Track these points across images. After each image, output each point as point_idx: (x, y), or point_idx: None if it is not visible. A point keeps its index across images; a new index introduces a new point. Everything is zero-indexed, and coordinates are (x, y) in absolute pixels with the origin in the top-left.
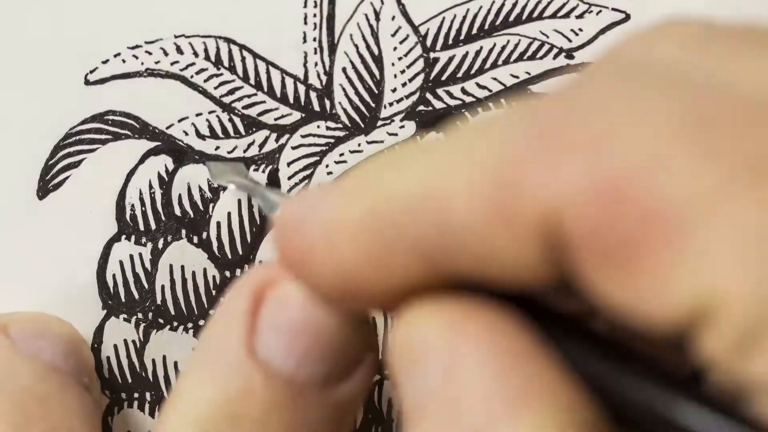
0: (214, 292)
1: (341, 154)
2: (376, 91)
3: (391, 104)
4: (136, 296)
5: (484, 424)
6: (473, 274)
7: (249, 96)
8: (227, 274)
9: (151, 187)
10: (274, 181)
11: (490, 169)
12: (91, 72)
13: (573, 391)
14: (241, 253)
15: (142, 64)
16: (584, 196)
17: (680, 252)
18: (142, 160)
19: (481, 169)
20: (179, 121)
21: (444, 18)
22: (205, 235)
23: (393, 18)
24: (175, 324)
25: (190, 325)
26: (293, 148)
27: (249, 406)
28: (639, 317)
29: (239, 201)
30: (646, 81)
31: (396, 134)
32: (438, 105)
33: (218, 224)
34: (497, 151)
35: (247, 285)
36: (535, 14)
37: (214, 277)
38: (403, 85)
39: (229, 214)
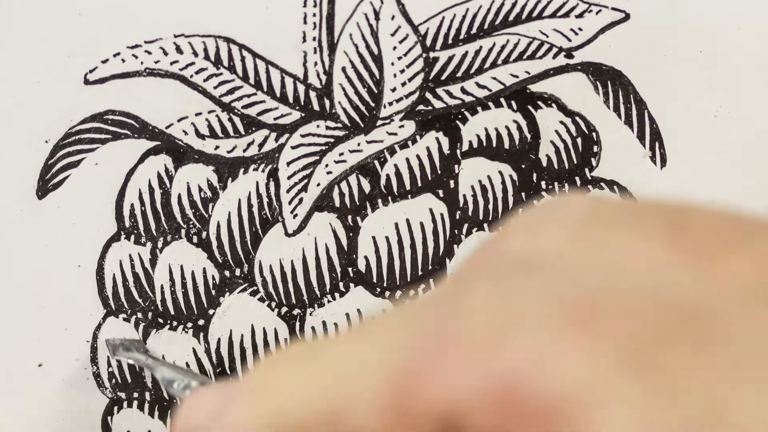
0: (213, 292)
1: (341, 154)
2: (376, 91)
3: (390, 104)
4: (136, 296)
5: None
6: None
7: (248, 95)
8: (227, 273)
9: (150, 186)
10: (274, 180)
11: (382, 372)
12: (91, 71)
13: None
14: (240, 253)
15: (142, 63)
16: (479, 400)
17: None
18: (141, 160)
19: (373, 373)
20: (179, 120)
21: (443, 17)
22: (204, 235)
23: (393, 17)
24: (175, 323)
25: (189, 324)
26: (293, 147)
27: None
28: None
29: (239, 201)
30: (529, 278)
31: (395, 134)
32: (438, 104)
33: (218, 224)
34: (388, 354)
35: None
36: (535, 14)
37: (213, 276)
38: (403, 84)
39: (228, 214)
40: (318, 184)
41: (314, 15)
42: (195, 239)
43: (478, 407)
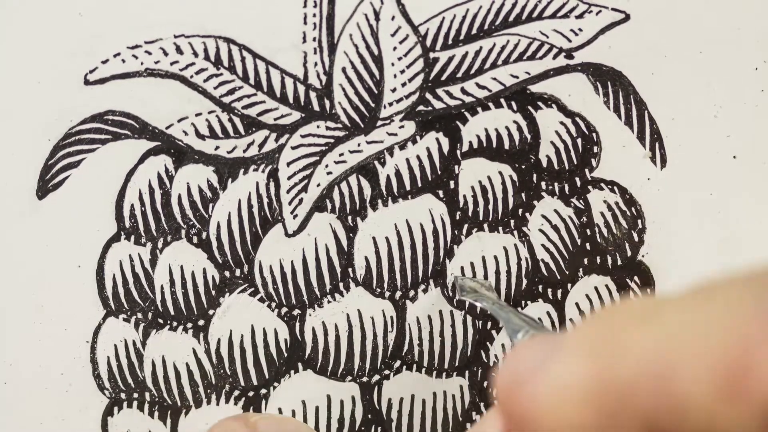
0: (213, 292)
1: (341, 154)
2: (376, 91)
3: (390, 104)
4: (136, 296)
5: None
6: None
7: (249, 96)
8: (227, 274)
9: (150, 187)
10: (274, 181)
11: (722, 348)
12: (91, 72)
13: None
14: (240, 253)
15: (142, 64)
16: None
17: None
18: (141, 160)
19: (711, 346)
20: (179, 120)
21: (444, 18)
22: (204, 235)
23: (393, 18)
24: (175, 324)
25: (189, 325)
26: (293, 147)
27: None
28: None
29: (239, 201)
30: None
31: (396, 134)
32: (438, 105)
33: (218, 225)
34: (728, 330)
35: (494, 421)
36: (535, 14)
37: (213, 277)
38: (403, 85)
39: (228, 214)
40: (318, 185)
41: (314, 15)
42: (195, 239)
43: None
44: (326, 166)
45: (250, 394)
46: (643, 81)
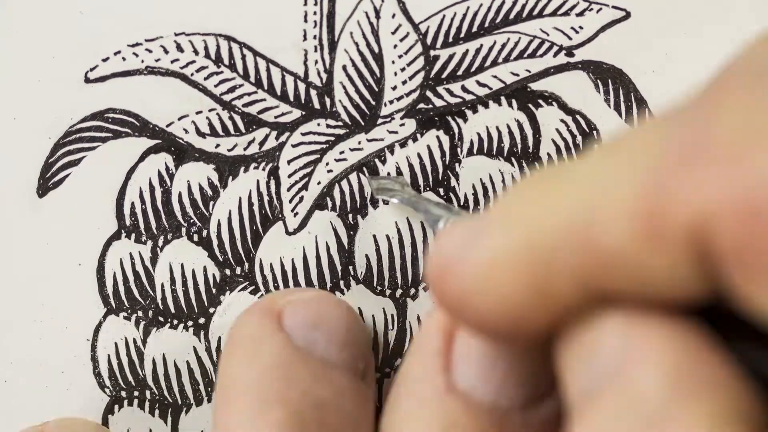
0: (214, 290)
1: (341, 152)
2: (377, 89)
3: (391, 102)
4: (136, 294)
5: (657, 409)
6: (626, 293)
7: (249, 94)
8: (227, 272)
9: (151, 185)
10: (274, 179)
11: (634, 189)
12: (92, 70)
13: (743, 387)
14: (241, 251)
15: (143, 62)
16: (731, 209)
17: None
18: (142, 158)
19: (625, 190)
20: (179, 119)
21: (444, 16)
22: (205, 233)
23: (393, 16)
24: (175, 322)
25: (190, 323)
26: (293, 146)
27: None
28: None
29: (240, 199)
30: None
31: (396, 132)
32: (438, 103)
33: (218, 222)
34: (639, 170)
35: (437, 322)
36: (536, 12)
37: (213, 275)
38: (404, 82)
39: (229, 212)
40: (319, 183)
41: (315, 13)
42: (195, 238)
43: (726, 217)
44: (327, 164)
45: None
46: (644, 79)
